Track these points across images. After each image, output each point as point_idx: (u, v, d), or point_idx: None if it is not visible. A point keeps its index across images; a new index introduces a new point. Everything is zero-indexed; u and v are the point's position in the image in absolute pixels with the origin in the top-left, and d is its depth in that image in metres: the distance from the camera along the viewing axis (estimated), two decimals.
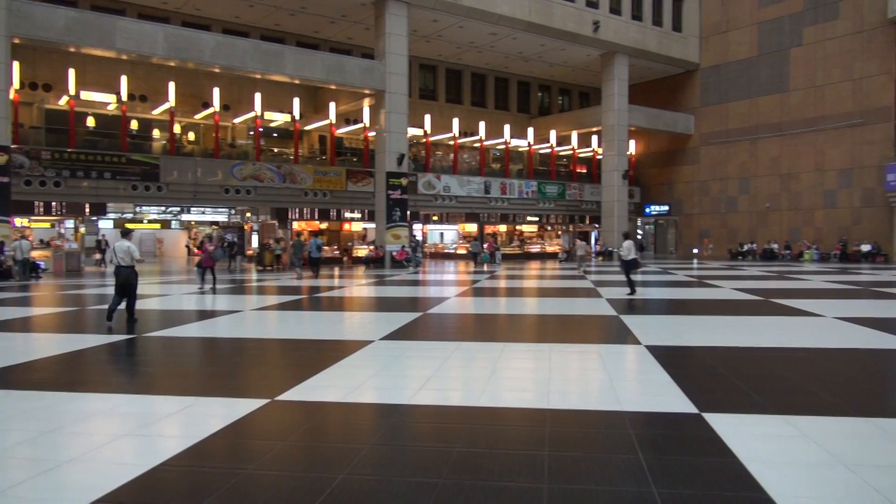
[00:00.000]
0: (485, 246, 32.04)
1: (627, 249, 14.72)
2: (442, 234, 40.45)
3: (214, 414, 5.12)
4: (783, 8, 35.30)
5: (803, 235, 34.92)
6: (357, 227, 34.80)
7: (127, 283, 10.02)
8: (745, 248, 36.31)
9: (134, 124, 27.67)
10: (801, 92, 34.76)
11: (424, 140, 33.68)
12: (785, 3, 35.23)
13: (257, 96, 28.15)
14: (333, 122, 30.29)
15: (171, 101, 26.46)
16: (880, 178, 31.42)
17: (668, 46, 37.32)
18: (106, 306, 10.63)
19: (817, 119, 34.19)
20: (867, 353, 7.72)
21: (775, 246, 35.19)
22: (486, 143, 36.29)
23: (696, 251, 39.52)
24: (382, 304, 13.68)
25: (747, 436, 4.44)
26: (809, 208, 34.97)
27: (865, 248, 31.58)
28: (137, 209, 28.69)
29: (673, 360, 7.19)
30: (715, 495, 3.46)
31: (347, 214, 31.83)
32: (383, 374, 6.58)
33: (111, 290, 16.22)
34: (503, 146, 37.06)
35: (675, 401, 5.40)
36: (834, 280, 19.66)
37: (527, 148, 38.02)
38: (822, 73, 33.92)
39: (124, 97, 25.78)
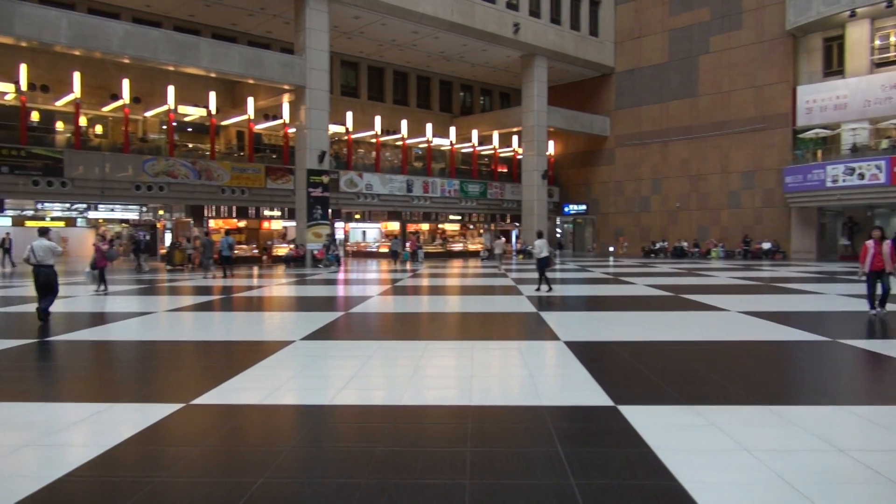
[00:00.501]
0: (407, 245, 32.05)
1: (539, 248, 15.16)
2: (364, 233, 40.17)
3: (126, 420, 4.90)
4: (692, 17, 36.98)
5: (711, 234, 36.71)
6: (277, 225, 34.06)
7: (48, 282, 9.83)
8: (658, 246, 37.83)
9: (35, 116, 26.05)
10: (709, 97, 36.53)
11: (346, 137, 33.35)
12: (693, 13, 36.92)
13: (170, 89, 27.08)
14: (252, 117, 29.53)
15: (77, 92, 25.08)
16: (780, 181, 33.42)
17: (584, 50, 38.40)
18: (11, 308, 10.04)
19: (723, 123, 36.01)
20: (767, 344, 8.20)
21: (685, 244, 36.84)
22: (408, 141, 36.29)
23: (611, 249, 40.86)
24: (303, 304, 13.46)
25: (659, 426, 4.64)
26: (716, 208, 36.80)
27: (766, 245, 33.52)
28: (39, 206, 27.07)
29: (590, 355, 7.41)
30: (629, 484, 3.59)
31: (267, 212, 31.12)
32: (304, 374, 6.47)
33: (17, 292, 15.30)
34: (425, 145, 37.17)
35: (593, 394, 5.57)
36: (738, 276, 20.78)
37: (449, 147, 38.26)
38: (727, 80, 35.74)
39: (24, 87, 24.24)
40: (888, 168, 28.56)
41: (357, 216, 36.19)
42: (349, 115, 32.97)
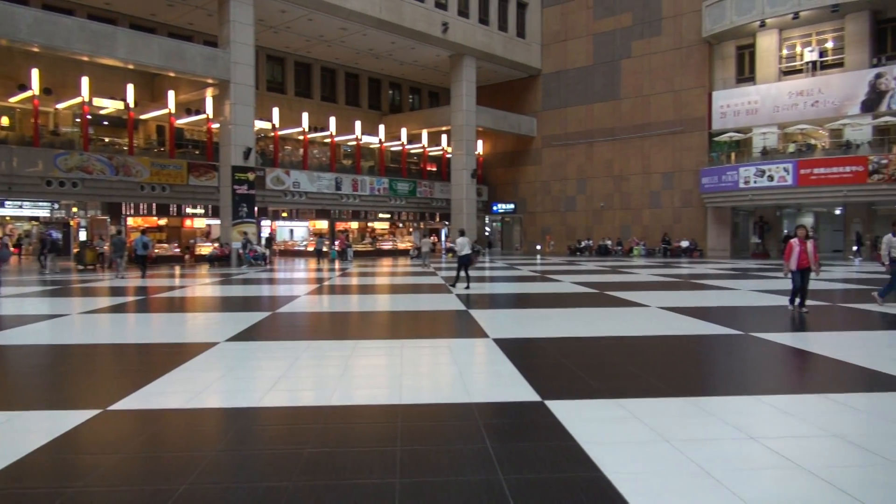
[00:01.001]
0: (336, 243, 31.69)
1: (461, 245, 15.37)
2: (292, 231, 39.47)
3: (37, 428, 4.65)
4: (615, 22, 38.10)
5: (633, 233, 37.96)
6: (200, 223, 33.01)
7: None
8: (583, 244, 38.82)
9: None
10: (631, 100, 37.74)
11: (273, 134, 32.65)
12: (616, 18, 38.04)
13: (84, 80, 25.79)
14: (173, 111, 28.49)
15: None
16: (697, 182, 34.89)
17: (512, 51, 38.96)
18: None
19: (644, 126, 37.28)
20: (686, 339, 8.55)
21: (609, 242, 37.95)
22: (336, 138, 35.87)
23: (538, 247, 41.63)
24: (228, 304, 13.10)
25: (584, 419, 4.77)
26: (638, 208, 38.06)
27: (684, 244, 34.94)
28: None
29: (518, 351, 7.53)
30: (556, 477, 3.68)
31: (189, 210, 30.09)
32: (230, 376, 6.31)
33: None
34: (354, 142, 36.82)
35: (520, 390, 5.66)
36: (658, 273, 21.56)
37: (378, 145, 38.03)
38: (648, 84, 37.02)
39: None
40: (795, 170, 30.26)
41: (284, 214, 35.49)
42: (276, 112, 32.29)
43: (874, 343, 8.08)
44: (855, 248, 30.86)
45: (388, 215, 40.12)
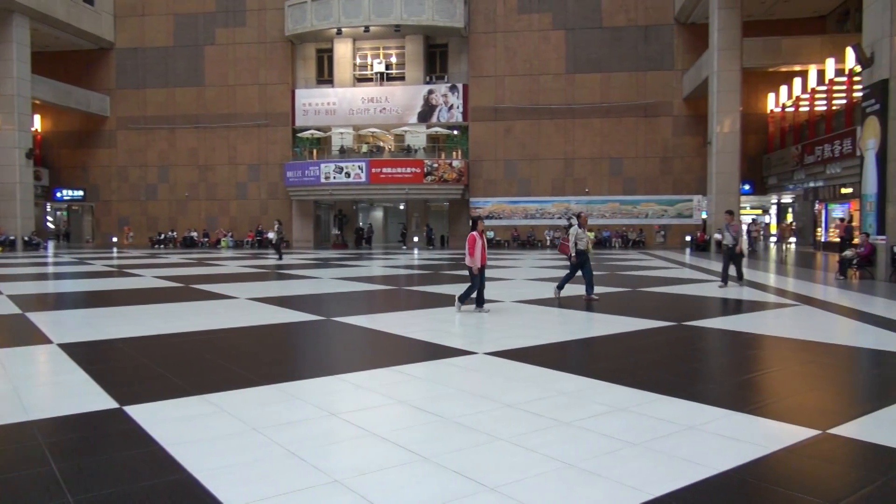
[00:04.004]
0: None
1: None
2: None
3: None
4: (198, 4, 36.76)
5: (220, 224, 37.33)
6: None
7: None
8: (166, 236, 36.67)
9: None
10: (216, 88, 36.93)
11: None
12: (199, 1, 36.73)
13: None
14: None
15: None
16: (282, 175, 36.05)
17: (78, 17, 34.38)
18: None
19: (231, 116, 36.90)
20: (273, 327, 8.77)
21: (195, 234, 36.61)
22: None
23: (115, 240, 37.87)
24: None
25: (169, 420, 4.52)
26: (225, 199, 37.56)
27: (271, 235, 35.72)
28: None
29: (91, 356, 6.75)
30: (137, 487, 3.40)
31: None
32: None
33: None
34: None
35: (94, 399, 5.08)
36: (247, 265, 21.66)
37: None
38: (233, 74, 36.72)
39: None
40: (367, 169, 33.64)
41: None
42: None
43: (431, 319, 9.49)
44: (416, 238, 35.80)
45: None
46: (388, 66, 36.08)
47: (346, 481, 3.42)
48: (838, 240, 24.03)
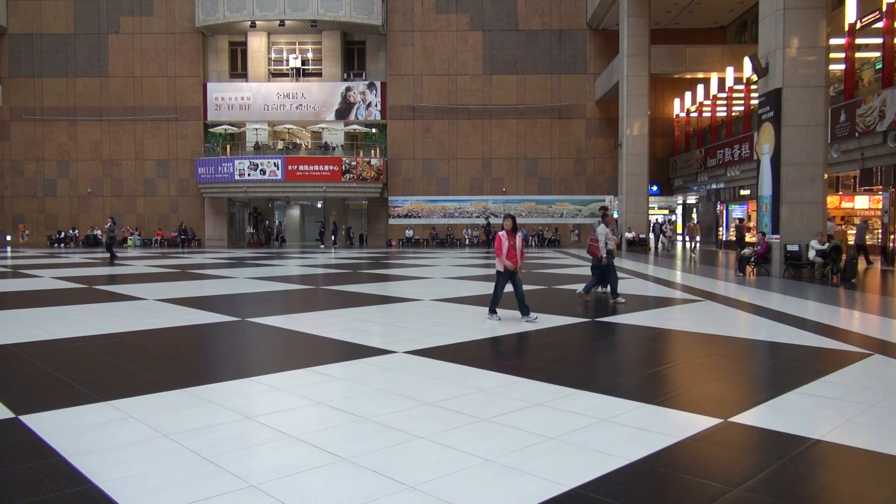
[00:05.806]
0: None
1: None
2: None
3: None
4: None
5: (126, 222, 35.60)
6: None
7: None
8: (66, 234, 34.69)
9: None
10: (121, 79, 35.20)
11: None
12: None
13: None
14: None
15: None
16: (193, 171, 34.75)
17: None
18: None
19: (137, 109, 35.26)
20: (184, 329, 8.46)
21: (98, 232, 34.78)
22: None
23: (9, 238, 35.49)
24: None
25: (71, 429, 4.28)
26: (131, 195, 35.87)
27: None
28: None
29: None
30: (34, 501, 3.21)
31: None
32: None
33: None
34: None
35: None
36: (156, 264, 20.77)
37: None
38: (140, 65, 35.11)
39: None
40: (283, 166, 32.94)
41: None
42: None
43: (350, 318, 9.40)
44: (332, 237, 35.35)
45: None
46: (304, 62, 35.46)
47: (263, 486, 3.34)
48: (734, 238, 25.67)
